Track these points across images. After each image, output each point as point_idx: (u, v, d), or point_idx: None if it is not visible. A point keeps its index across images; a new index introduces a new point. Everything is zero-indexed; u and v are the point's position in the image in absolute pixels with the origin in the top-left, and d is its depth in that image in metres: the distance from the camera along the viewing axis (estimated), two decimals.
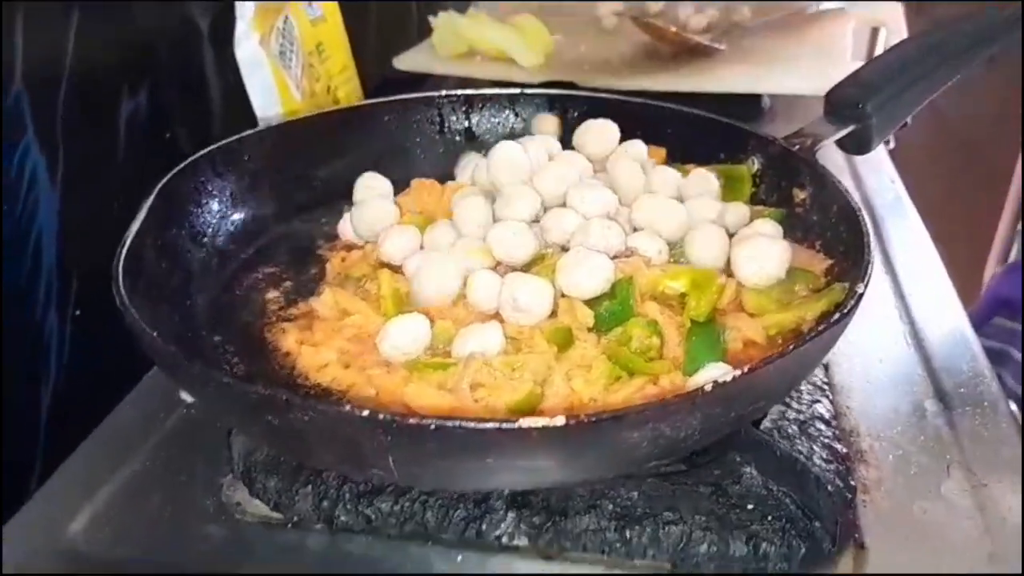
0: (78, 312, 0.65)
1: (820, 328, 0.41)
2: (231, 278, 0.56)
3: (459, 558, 0.45)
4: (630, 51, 1.01)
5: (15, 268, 0.59)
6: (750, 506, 0.45)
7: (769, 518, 0.44)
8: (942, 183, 1.39)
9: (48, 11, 0.60)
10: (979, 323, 1.00)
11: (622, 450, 0.37)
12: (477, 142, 0.71)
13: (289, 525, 0.46)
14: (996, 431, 0.53)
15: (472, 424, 0.34)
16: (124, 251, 0.46)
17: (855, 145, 0.61)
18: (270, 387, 0.36)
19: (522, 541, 0.45)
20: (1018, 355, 0.97)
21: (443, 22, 1.01)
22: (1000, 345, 0.97)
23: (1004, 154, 1.48)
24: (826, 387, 0.55)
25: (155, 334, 0.40)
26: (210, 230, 0.58)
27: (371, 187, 0.62)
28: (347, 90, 0.97)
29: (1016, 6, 0.64)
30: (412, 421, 0.34)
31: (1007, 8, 0.65)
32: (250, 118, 0.81)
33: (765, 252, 0.51)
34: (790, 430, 0.50)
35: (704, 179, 0.58)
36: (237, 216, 0.60)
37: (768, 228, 0.54)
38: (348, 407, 0.35)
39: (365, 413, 0.34)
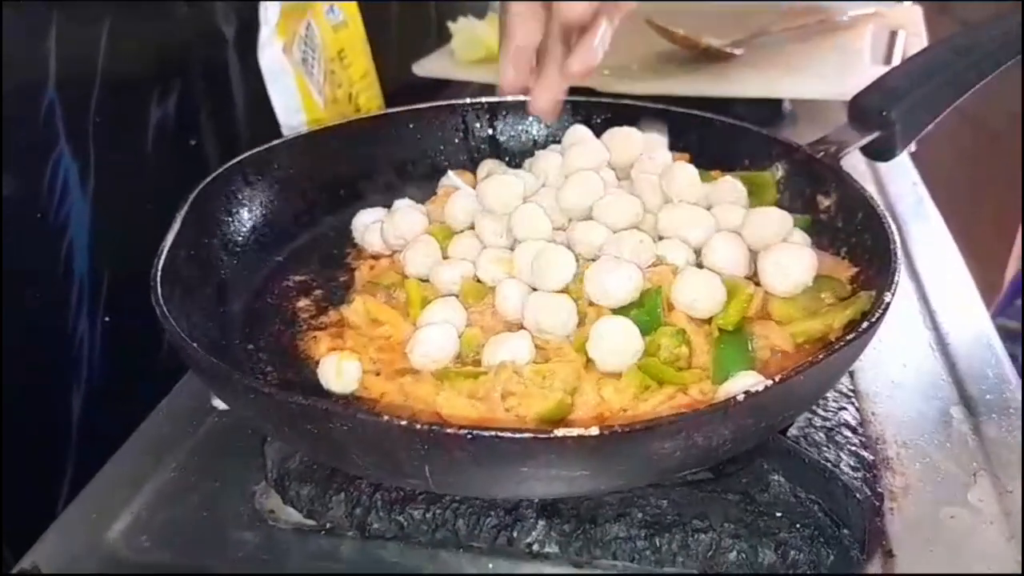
0: (107, 318, 0.66)
1: (850, 337, 0.42)
2: (262, 286, 0.57)
3: (490, 565, 0.45)
4: (649, 55, 1.01)
5: (48, 275, 0.60)
6: (778, 514, 0.45)
7: (797, 526, 0.44)
8: (966, 179, 1.38)
9: (79, 21, 0.61)
10: (1004, 305, 1.01)
11: (654, 459, 0.38)
12: (501, 149, 0.71)
13: (322, 532, 0.47)
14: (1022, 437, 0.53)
15: (508, 434, 0.35)
16: (161, 262, 0.47)
17: (879, 152, 0.61)
18: (308, 397, 0.37)
19: (552, 548, 0.45)
20: None
21: (462, 28, 1.02)
22: (1020, 324, 0.98)
23: None
24: (852, 394, 0.55)
25: (194, 345, 0.40)
26: (240, 238, 0.58)
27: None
28: (368, 96, 0.97)
29: None
30: (449, 431, 0.35)
31: None
32: (273, 125, 0.82)
33: (792, 260, 0.51)
34: (817, 437, 0.51)
35: (731, 186, 0.58)
36: (267, 224, 0.61)
37: (795, 236, 0.54)
38: (386, 417, 0.35)
39: (403, 423, 0.35)
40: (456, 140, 0.71)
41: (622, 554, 0.45)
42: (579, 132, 0.64)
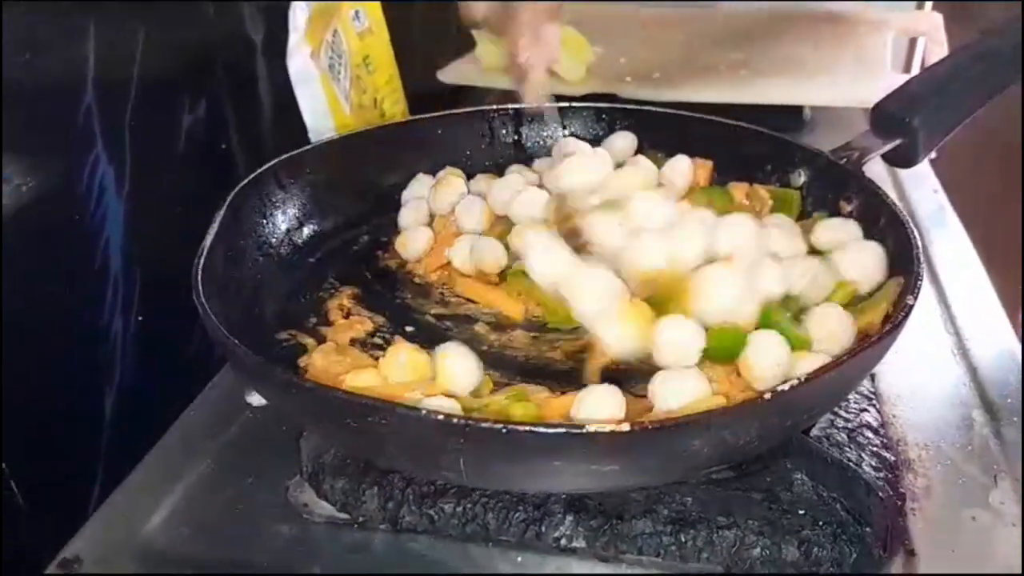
0: (140, 317, 0.67)
1: (873, 338, 0.43)
2: (296, 286, 0.59)
3: (519, 559, 0.46)
4: (670, 64, 1.02)
5: (84, 275, 0.62)
6: (801, 511, 0.46)
7: (820, 523, 0.45)
8: (984, 189, 1.38)
9: (116, 28, 0.62)
10: None
11: (683, 455, 0.39)
12: (526, 154, 0.72)
13: (355, 525, 0.48)
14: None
15: (541, 428, 0.36)
16: (201, 261, 0.49)
17: (901, 158, 0.62)
18: (346, 391, 0.38)
19: (580, 543, 0.46)
20: None
21: (486, 35, 1.03)
22: None
23: None
24: (873, 396, 0.56)
25: (235, 340, 0.42)
26: (275, 240, 0.60)
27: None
28: (392, 102, 0.99)
29: None
30: (484, 425, 0.36)
31: None
32: (300, 130, 0.83)
33: (869, 257, 0.52)
34: (839, 438, 0.51)
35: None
36: (300, 226, 0.62)
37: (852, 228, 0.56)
38: (424, 411, 0.36)
39: (440, 417, 0.36)
40: (482, 146, 0.72)
41: (648, 549, 0.46)
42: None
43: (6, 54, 0.51)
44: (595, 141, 0.70)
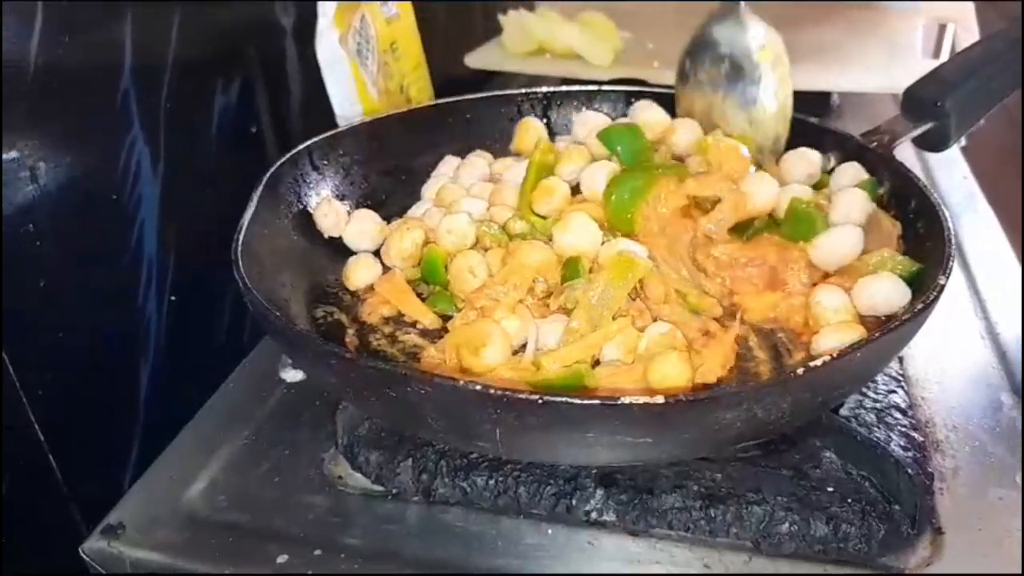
0: (173, 298, 0.68)
1: (904, 316, 0.43)
2: (329, 265, 0.60)
3: (549, 531, 0.47)
4: None
5: (120, 257, 0.63)
6: (830, 488, 0.46)
7: (849, 500, 0.46)
8: (1014, 180, 1.38)
9: (152, 12, 0.63)
10: None
11: (715, 429, 0.39)
12: (554, 138, 0.73)
13: (388, 497, 0.49)
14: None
15: (577, 399, 0.37)
16: (241, 237, 0.50)
17: (931, 143, 0.62)
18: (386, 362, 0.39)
19: (610, 517, 0.47)
20: None
21: (513, 20, 1.04)
22: None
23: None
24: (901, 378, 0.56)
25: (277, 313, 0.43)
26: (308, 219, 0.61)
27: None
28: (419, 88, 0.99)
29: None
30: (521, 396, 0.37)
31: None
32: (328, 114, 0.84)
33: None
34: (867, 418, 0.52)
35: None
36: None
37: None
38: (462, 381, 0.37)
39: (478, 387, 0.37)
40: (511, 129, 0.72)
41: (678, 524, 0.46)
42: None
43: (46, 37, 0.52)
44: None
